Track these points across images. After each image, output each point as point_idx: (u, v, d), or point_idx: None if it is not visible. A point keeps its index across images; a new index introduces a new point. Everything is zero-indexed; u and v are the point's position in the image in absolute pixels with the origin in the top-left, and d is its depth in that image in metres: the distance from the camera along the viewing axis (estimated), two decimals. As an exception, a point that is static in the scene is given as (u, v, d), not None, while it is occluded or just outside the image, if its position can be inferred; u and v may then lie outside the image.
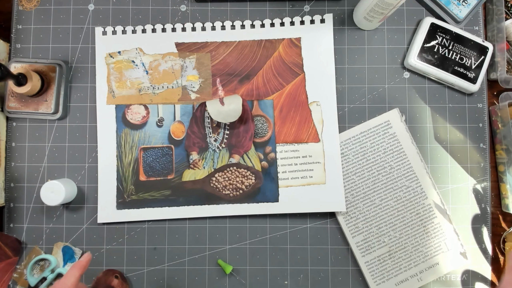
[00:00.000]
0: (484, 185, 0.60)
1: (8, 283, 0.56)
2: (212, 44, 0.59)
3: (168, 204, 0.57)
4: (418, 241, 0.57)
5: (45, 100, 0.58)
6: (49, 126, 0.59)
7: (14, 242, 0.57)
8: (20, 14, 0.60)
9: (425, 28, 0.59)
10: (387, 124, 0.59)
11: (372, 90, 0.60)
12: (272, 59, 0.59)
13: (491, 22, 0.61)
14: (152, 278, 0.57)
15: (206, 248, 0.58)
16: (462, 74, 0.59)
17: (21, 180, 0.58)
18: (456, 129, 0.60)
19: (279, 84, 0.59)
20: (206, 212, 0.58)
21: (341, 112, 0.60)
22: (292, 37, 0.59)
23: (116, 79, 0.59)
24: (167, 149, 0.58)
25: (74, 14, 0.60)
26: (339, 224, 0.58)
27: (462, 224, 0.59)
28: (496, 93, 0.62)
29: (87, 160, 0.59)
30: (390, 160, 0.59)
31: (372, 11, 0.55)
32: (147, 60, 0.59)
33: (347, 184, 0.58)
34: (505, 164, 0.59)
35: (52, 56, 0.60)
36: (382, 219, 0.58)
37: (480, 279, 0.58)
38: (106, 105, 0.59)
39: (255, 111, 0.59)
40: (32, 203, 0.58)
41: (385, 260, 0.57)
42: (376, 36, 0.61)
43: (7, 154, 0.59)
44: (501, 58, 0.59)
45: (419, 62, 0.58)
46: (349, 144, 0.59)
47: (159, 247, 0.58)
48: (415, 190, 0.58)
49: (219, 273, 0.58)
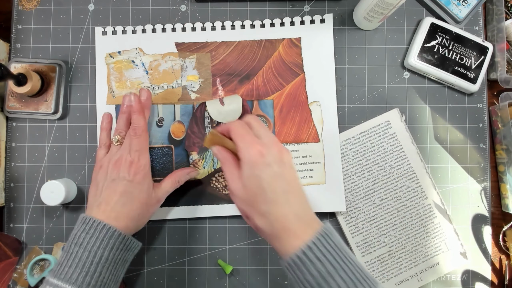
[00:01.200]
0: (484, 185, 0.60)
1: (8, 283, 0.56)
2: (212, 44, 0.59)
3: (168, 204, 0.57)
4: (418, 241, 0.57)
5: (45, 100, 0.58)
6: (49, 126, 0.59)
7: (14, 242, 0.57)
8: (20, 14, 0.60)
9: (425, 28, 0.59)
10: (387, 124, 0.59)
11: (372, 90, 0.60)
12: (272, 59, 0.59)
13: (491, 22, 0.61)
14: (152, 278, 0.57)
15: (206, 248, 0.58)
16: (462, 74, 0.59)
17: (21, 180, 0.58)
18: (456, 129, 0.60)
19: (279, 84, 0.59)
20: (206, 212, 0.58)
21: (341, 112, 0.60)
22: (292, 37, 0.59)
23: (116, 79, 0.59)
24: (167, 149, 0.58)
25: (74, 14, 0.60)
26: (339, 224, 0.58)
27: (462, 224, 0.59)
28: (496, 93, 0.62)
29: (87, 160, 0.59)
30: (390, 160, 0.59)
31: (372, 11, 0.55)
32: (147, 60, 0.59)
33: (347, 184, 0.58)
34: (505, 164, 0.59)
35: (52, 56, 0.60)
36: (382, 219, 0.58)
37: (480, 279, 0.58)
38: (106, 105, 0.59)
39: (255, 111, 0.59)
40: (32, 203, 0.58)
41: (385, 260, 0.57)
42: (376, 36, 0.61)
43: (7, 154, 0.59)
44: (501, 58, 0.59)
45: (419, 62, 0.58)
46: (349, 144, 0.59)
47: (159, 247, 0.58)
48: (415, 190, 0.58)
49: (219, 273, 0.58)
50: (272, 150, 0.42)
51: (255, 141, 0.42)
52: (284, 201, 0.41)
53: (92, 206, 0.48)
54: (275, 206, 0.40)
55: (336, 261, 0.38)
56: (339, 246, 0.40)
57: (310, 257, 0.38)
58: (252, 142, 0.42)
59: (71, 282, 0.42)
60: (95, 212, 0.47)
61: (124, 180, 0.48)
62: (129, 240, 0.47)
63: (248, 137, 0.42)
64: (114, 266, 0.45)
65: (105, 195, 0.48)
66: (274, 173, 0.41)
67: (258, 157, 0.41)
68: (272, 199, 0.40)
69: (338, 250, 0.39)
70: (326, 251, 0.38)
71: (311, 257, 0.38)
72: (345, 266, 0.38)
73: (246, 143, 0.42)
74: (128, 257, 0.48)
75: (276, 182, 0.41)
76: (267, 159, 0.41)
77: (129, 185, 0.48)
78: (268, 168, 0.41)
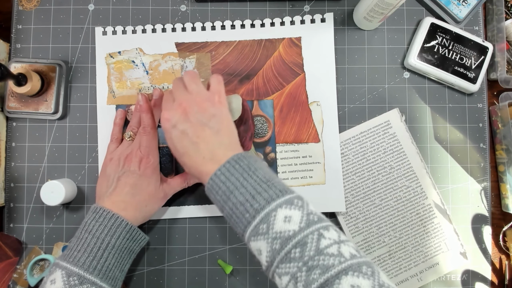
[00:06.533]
0: (484, 185, 0.60)
1: (8, 283, 0.56)
2: (212, 44, 0.59)
3: (168, 204, 0.57)
4: (418, 241, 0.57)
5: (45, 100, 0.58)
6: (49, 126, 0.59)
7: (14, 242, 0.57)
8: (20, 14, 0.60)
9: (425, 28, 0.59)
10: (387, 124, 0.59)
11: (372, 90, 0.60)
12: (272, 59, 0.59)
13: (491, 22, 0.61)
14: (152, 278, 0.57)
15: (206, 248, 0.58)
16: (462, 74, 0.59)
17: (21, 180, 0.58)
18: (456, 129, 0.60)
19: (279, 84, 0.59)
20: (206, 212, 0.58)
21: (341, 112, 0.60)
22: (292, 37, 0.59)
23: (116, 79, 0.59)
24: (167, 149, 0.58)
25: (74, 14, 0.60)
26: (339, 224, 0.58)
27: (462, 224, 0.59)
28: (496, 93, 0.62)
29: (87, 160, 0.59)
30: (390, 160, 0.59)
31: (372, 11, 0.55)
32: (147, 60, 0.59)
33: (347, 184, 0.58)
34: (505, 164, 0.59)
35: (52, 56, 0.60)
36: (382, 219, 0.58)
37: (480, 279, 0.58)
38: (106, 105, 0.59)
39: (255, 111, 0.59)
40: (32, 203, 0.58)
41: (385, 260, 0.57)
42: (376, 36, 0.61)
43: (7, 154, 0.59)
44: (501, 58, 0.59)
45: (419, 62, 0.58)
46: (349, 144, 0.59)
47: (159, 247, 0.58)
48: (415, 190, 0.58)
49: (219, 273, 0.58)
50: (177, 112, 0.47)
51: (166, 108, 0.48)
52: (194, 151, 0.46)
53: (103, 196, 0.51)
54: (187, 157, 0.46)
55: (238, 180, 0.42)
56: (245, 167, 0.43)
57: (216, 181, 0.43)
58: (164, 109, 0.48)
59: (78, 265, 0.45)
60: (106, 202, 0.50)
61: (134, 173, 0.51)
62: (136, 231, 0.50)
63: (164, 105, 0.49)
64: (120, 254, 0.48)
65: (116, 186, 0.51)
66: (180, 131, 0.46)
67: (166, 123, 0.47)
68: (183, 153, 0.46)
69: (243, 170, 0.43)
70: (230, 174, 0.43)
71: (217, 181, 0.43)
72: (246, 183, 0.42)
73: (162, 112, 0.48)
74: (134, 247, 0.51)
75: (183, 138, 0.46)
76: (172, 122, 0.47)
77: (138, 178, 0.51)
78: (174, 130, 0.47)
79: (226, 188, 0.42)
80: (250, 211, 0.41)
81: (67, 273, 0.44)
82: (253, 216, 0.40)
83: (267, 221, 0.39)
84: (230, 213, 0.42)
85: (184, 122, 0.46)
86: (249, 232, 0.41)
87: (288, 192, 0.41)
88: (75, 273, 0.44)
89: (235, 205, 0.42)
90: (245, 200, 0.41)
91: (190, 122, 0.46)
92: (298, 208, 0.40)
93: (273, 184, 0.42)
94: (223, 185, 0.43)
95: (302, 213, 0.40)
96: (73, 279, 0.43)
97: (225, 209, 0.43)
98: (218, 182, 0.43)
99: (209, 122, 0.46)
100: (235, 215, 0.42)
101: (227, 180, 0.42)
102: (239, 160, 0.44)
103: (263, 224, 0.40)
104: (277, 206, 0.40)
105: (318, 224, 0.39)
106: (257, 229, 0.40)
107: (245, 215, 0.41)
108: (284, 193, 0.41)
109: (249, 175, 0.42)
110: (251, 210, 0.41)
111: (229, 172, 0.43)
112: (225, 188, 0.42)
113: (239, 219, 0.42)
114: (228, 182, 0.42)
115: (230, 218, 0.43)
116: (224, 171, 0.43)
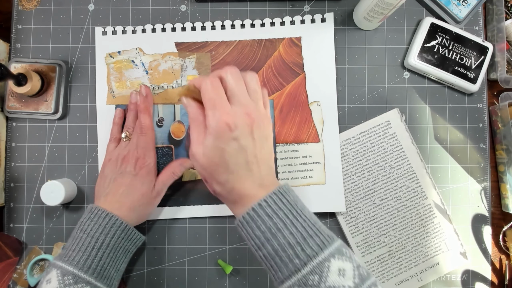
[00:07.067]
0: (484, 185, 0.60)
1: (8, 283, 0.56)
2: (212, 44, 0.59)
3: (168, 204, 0.57)
4: (418, 241, 0.57)
5: (45, 100, 0.58)
6: (49, 126, 0.59)
7: (14, 242, 0.57)
8: (20, 14, 0.60)
9: (425, 28, 0.59)
10: (387, 124, 0.59)
11: (372, 90, 0.60)
12: (272, 59, 0.59)
13: (491, 22, 0.61)
14: (152, 278, 0.57)
15: (206, 248, 0.58)
16: (462, 74, 0.59)
17: (21, 180, 0.58)
18: (456, 129, 0.60)
19: (279, 84, 0.59)
20: (206, 212, 0.58)
21: (341, 112, 0.60)
22: (292, 36, 0.59)
23: (116, 79, 0.59)
24: (167, 149, 0.58)
25: (74, 14, 0.60)
26: (339, 224, 0.58)
27: (462, 224, 0.59)
28: (496, 93, 0.62)
29: (87, 160, 0.59)
30: (390, 160, 0.59)
31: (372, 11, 0.55)
32: (147, 60, 0.59)
33: (347, 184, 0.58)
34: (505, 164, 0.59)
35: (52, 56, 0.60)
36: (382, 219, 0.58)
37: (480, 279, 0.58)
38: (106, 105, 0.59)
39: (255, 111, 0.59)
40: (32, 203, 0.58)
41: (385, 260, 0.57)
42: (376, 36, 0.61)
43: (7, 154, 0.59)
44: (501, 58, 0.59)
45: (419, 62, 0.58)
46: (349, 144, 0.59)
47: (159, 247, 0.58)
48: (415, 190, 0.58)
49: (219, 273, 0.58)
50: (241, 121, 0.39)
51: (224, 109, 0.39)
52: (245, 172, 0.39)
53: (99, 196, 0.52)
54: (235, 176, 0.40)
55: (287, 217, 0.37)
56: (292, 204, 0.38)
57: (260, 213, 0.37)
58: (221, 109, 0.39)
59: (73, 264, 0.45)
60: (102, 202, 0.50)
61: (130, 174, 0.52)
62: (131, 231, 0.50)
63: (218, 103, 0.39)
64: (115, 254, 0.48)
65: (112, 187, 0.51)
66: (239, 146, 0.39)
67: (225, 129, 0.38)
68: (232, 170, 0.39)
69: (291, 207, 0.38)
70: (278, 208, 0.38)
71: (261, 213, 0.37)
72: (296, 222, 0.37)
73: (214, 111, 0.39)
74: (129, 247, 0.50)
75: (240, 154, 0.39)
76: (234, 133, 0.38)
77: (133, 179, 0.51)
78: (233, 142, 0.39)
79: (272, 224, 0.37)
80: (302, 256, 0.36)
81: (62, 273, 0.44)
82: (305, 263, 0.35)
83: (319, 273, 0.35)
84: (272, 254, 0.37)
85: (248, 137, 0.39)
86: (294, 281, 0.36)
87: (334, 238, 0.38)
88: (69, 272, 0.44)
89: (281, 246, 0.36)
90: (296, 243, 0.36)
91: (253, 138, 0.40)
92: (348, 259, 0.36)
93: (320, 227, 0.38)
94: (269, 220, 0.37)
95: (353, 266, 0.36)
96: (67, 278, 0.43)
97: (266, 247, 0.37)
98: (262, 214, 0.37)
99: (266, 143, 0.41)
100: (278, 257, 0.37)
101: (275, 214, 0.37)
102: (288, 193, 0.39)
103: (314, 275, 0.35)
104: (329, 255, 0.36)
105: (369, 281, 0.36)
106: (306, 280, 0.35)
107: (294, 261, 0.36)
108: (332, 239, 0.37)
109: (297, 213, 0.38)
110: (302, 256, 0.36)
111: (276, 205, 0.38)
112: (271, 224, 0.37)
113: (283, 263, 0.36)
114: (275, 217, 0.37)
115: (270, 260, 0.37)
116: (271, 202, 0.38)
